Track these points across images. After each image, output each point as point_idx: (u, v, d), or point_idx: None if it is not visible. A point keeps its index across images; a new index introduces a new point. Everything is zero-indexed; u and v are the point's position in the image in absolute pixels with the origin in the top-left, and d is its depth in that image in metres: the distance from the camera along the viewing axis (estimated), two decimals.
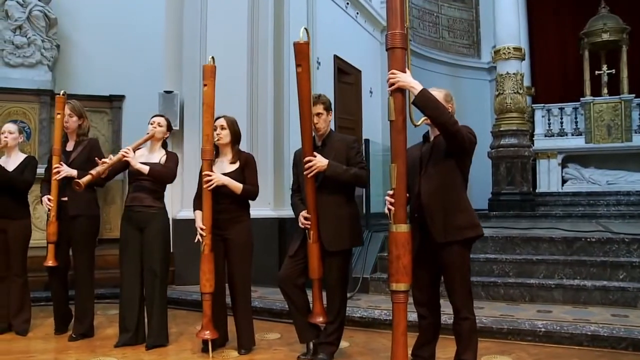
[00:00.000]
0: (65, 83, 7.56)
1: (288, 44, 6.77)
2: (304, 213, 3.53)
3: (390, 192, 2.83)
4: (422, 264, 3.03)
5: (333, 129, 3.82)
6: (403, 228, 2.78)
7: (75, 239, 4.31)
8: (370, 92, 9.84)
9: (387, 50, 2.87)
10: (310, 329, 3.67)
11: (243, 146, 4.12)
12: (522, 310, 4.82)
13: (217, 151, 3.90)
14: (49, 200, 4.23)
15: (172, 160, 4.16)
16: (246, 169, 3.88)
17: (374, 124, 9.69)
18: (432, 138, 3.16)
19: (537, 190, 10.75)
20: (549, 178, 10.96)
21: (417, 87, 2.81)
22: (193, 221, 3.88)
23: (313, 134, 3.54)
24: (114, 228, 7.22)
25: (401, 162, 2.79)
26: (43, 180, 4.49)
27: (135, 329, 4.08)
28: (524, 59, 10.37)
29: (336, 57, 8.38)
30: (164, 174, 4.07)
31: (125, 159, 3.93)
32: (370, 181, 5.50)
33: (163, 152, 4.18)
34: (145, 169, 3.97)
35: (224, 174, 3.79)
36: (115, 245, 6.77)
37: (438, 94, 3.00)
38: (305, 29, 3.46)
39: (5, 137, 4.45)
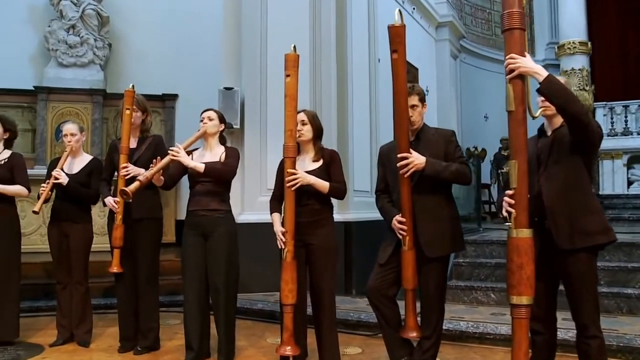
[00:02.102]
0: (116, 82, 7.41)
1: (351, 39, 6.46)
2: (398, 217, 3.15)
3: (510, 192, 2.47)
4: (539, 273, 2.61)
5: None
6: (525, 233, 2.43)
7: (138, 244, 3.99)
8: (427, 90, 9.43)
9: (502, 32, 2.54)
10: (403, 344, 3.26)
11: None
12: (624, 324, 4.35)
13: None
14: (114, 202, 3.93)
15: (233, 155, 3.81)
16: (332, 166, 3.51)
17: (430, 123, 9.22)
18: (549, 132, 2.79)
19: (600, 193, 10.19)
20: (613, 179, 10.43)
21: (542, 72, 2.46)
22: (255, 225, 3.54)
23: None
24: (167, 232, 6.95)
25: (522, 159, 2.45)
26: (102, 179, 4.22)
27: (199, 347, 3.75)
28: (590, 54, 9.85)
29: None
30: (222, 171, 3.72)
31: (175, 158, 3.61)
32: None
33: (222, 148, 3.85)
34: (201, 167, 3.64)
35: (307, 172, 3.43)
36: (170, 250, 6.60)
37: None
38: (399, 10, 3.11)
39: (69, 142, 4.19)
